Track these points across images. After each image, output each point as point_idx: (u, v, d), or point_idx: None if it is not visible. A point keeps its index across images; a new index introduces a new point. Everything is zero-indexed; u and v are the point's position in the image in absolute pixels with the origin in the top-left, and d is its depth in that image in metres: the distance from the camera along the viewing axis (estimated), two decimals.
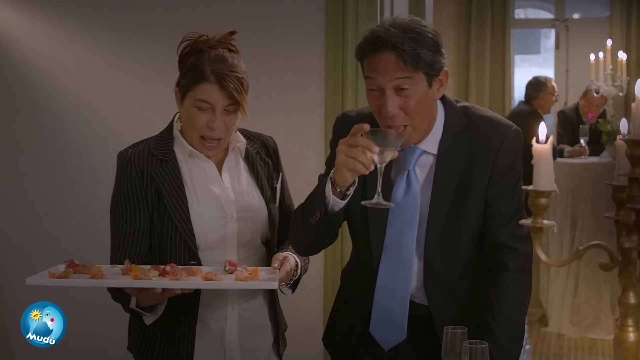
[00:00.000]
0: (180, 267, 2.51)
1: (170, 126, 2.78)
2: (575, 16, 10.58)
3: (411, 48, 2.36)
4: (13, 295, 4.45)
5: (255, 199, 2.77)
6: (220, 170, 2.74)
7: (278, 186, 2.86)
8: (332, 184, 2.39)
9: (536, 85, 7.50)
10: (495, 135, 2.53)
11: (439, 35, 2.47)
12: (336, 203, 2.41)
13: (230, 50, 2.70)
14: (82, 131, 4.46)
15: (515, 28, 10.52)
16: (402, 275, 2.55)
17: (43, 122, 4.51)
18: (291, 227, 2.64)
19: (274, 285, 2.47)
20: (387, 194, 2.51)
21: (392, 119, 2.42)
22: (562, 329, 6.76)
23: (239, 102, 2.62)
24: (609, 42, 8.00)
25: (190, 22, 4.29)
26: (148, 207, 2.66)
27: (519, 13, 11.09)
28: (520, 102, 7.75)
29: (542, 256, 1.96)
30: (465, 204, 2.52)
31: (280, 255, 2.67)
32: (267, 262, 2.75)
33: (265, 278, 2.52)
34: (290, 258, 2.68)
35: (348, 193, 2.40)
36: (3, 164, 4.55)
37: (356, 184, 2.39)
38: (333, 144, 2.65)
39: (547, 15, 10.88)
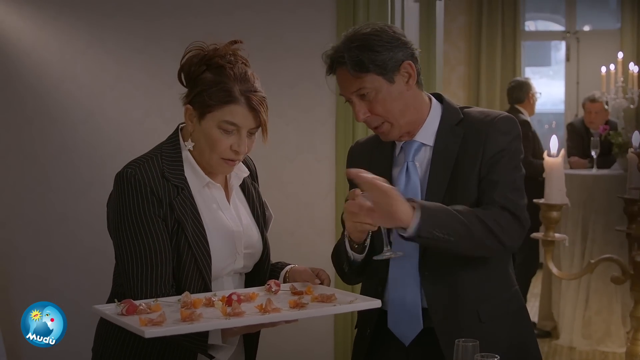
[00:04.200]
0: (240, 293, 2.40)
1: (176, 143, 2.59)
2: (586, 28, 10.58)
3: (353, 57, 2.51)
4: (25, 308, 4.46)
5: (255, 233, 2.68)
6: (228, 199, 2.64)
7: (267, 214, 2.78)
8: (349, 241, 2.56)
9: (522, 86, 7.43)
10: (484, 123, 2.59)
11: (395, 33, 2.56)
12: (357, 257, 2.58)
13: (246, 65, 2.59)
14: (93, 143, 4.47)
15: (525, 40, 10.54)
16: (411, 264, 2.58)
17: (54, 133, 4.53)
18: (333, 261, 2.75)
19: (378, 303, 2.42)
20: None
21: (366, 122, 2.58)
22: (573, 342, 6.73)
23: (263, 124, 2.54)
24: (620, 55, 7.99)
25: (201, 35, 4.32)
26: (169, 234, 2.47)
27: (530, 25, 11.10)
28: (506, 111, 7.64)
29: (554, 269, 1.96)
30: (458, 190, 2.56)
31: (308, 270, 2.64)
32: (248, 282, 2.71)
33: (345, 298, 2.44)
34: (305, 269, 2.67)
35: (365, 245, 2.56)
36: (14, 175, 4.57)
37: (370, 235, 2.53)
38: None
39: (558, 27, 10.88)
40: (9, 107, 4.59)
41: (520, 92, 7.40)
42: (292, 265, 2.72)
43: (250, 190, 2.74)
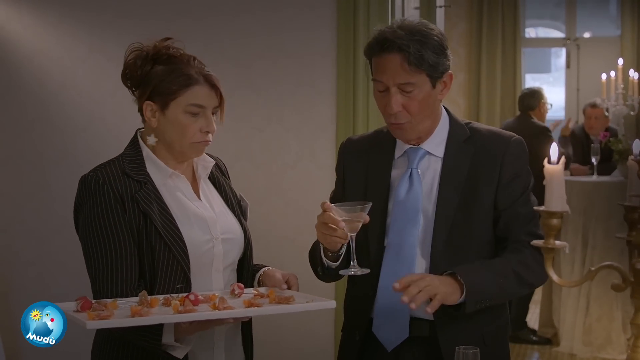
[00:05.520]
0: (200, 293, 2.40)
1: (135, 145, 2.63)
2: (586, 35, 10.59)
3: (416, 50, 2.47)
4: None
5: (231, 219, 2.68)
6: (195, 190, 2.65)
7: (243, 204, 2.79)
8: (324, 248, 2.56)
9: (534, 94, 7.43)
10: (499, 144, 2.62)
11: (445, 39, 2.57)
12: (331, 264, 2.59)
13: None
14: (94, 149, 4.47)
15: (526, 47, 10.55)
16: (405, 271, 2.56)
17: (55, 139, 4.54)
18: (309, 260, 2.74)
19: (333, 304, 2.43)
20: (391, 194, 2.64)
21: (395, 116, 2.54)
22: (573, 349, 6.72)
23: (221, 103, 2.60)
24: (620, 61, 7.99)
25: (201, 44, 4.33)
26: (133, 233, 2.49)
27: (530, 32, 11.12)
28: (518, 117, 7.61)
29: (554, 277, 1.95)
30: (474, 210, 2.58)
31: (279, 273, 2.64)
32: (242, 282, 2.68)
33: (305, 298, 2.47)
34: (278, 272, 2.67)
35: (340, 254, 2.57)
36: (15, 182, 4.58)
37: (345, 245, 2.53)
38: (337, 170, 2.84)
39: (558, 34, 10.89)
40: (10, 113, 4.59)
41: (532, 99, 7.40)
42: (266, 269, 2.71)
43: (220, 181, 2.74)
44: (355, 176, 2.74)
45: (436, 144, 2.64)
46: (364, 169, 2.72)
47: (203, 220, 2.59)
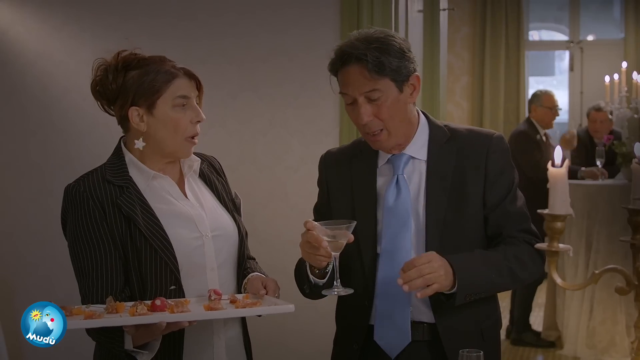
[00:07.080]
0: (169, 300, 2.38)
1: (119, 152, 2.66)
2: (590, 38, 10.59)
3: (374, 58, 2.49)
4: None
5: (223, 215, 2.68)
6: (182, 189, 2.65)
7: (237, 200, 2.80)
8: (310, 265, 2.56)
9: (531, 99, 7.46)
10: (480, 142, 2.64)
11: (406, 43, 2.58)
12: (317, 281, 2.59)
13: None
14: (97, 153, 4.43)
15: (529, 50, 10.55)
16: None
17: (59, 144, 4.54)
18: (295, 278, 2.75)
19: (291, 308, 2.42)
20: (379, 202, 2.64)
21: (367, 126, 2.55)
22: (577, 352, 6.71)
23: (201, 89, 2.64)
24: (624, 64, 7.98)
25: (205, 46, 4.34)
26: (115, 239, 2.49)
27: (533, 35, 11.11)
28: (523, 121, 7.66)
29: (558, 280, 1.96)
30: (463, 209, 2.59)
31: (258, 280, 2.62)
32: (239, 284, 2.70)
33: (270, 302, 2.47)
34: (262, 278, 2.65)
35: (327, 271, 2.56)
36: (19, 185, 4.58)
37: (332, 262, 2.52)
38: (319, 183, 2.85)
39: (562, 37, 10.90)
40: (13, 117, 4.60)
41: (529, 104, 7.41)
42: (250, 276, 2.69)
43: (211, 178, 2.75)
44: (340, 187, 2.74)
45: (418, 147, 2.65)
46: (348, 179, 2.72)
47: (189, 218, 2.59)
